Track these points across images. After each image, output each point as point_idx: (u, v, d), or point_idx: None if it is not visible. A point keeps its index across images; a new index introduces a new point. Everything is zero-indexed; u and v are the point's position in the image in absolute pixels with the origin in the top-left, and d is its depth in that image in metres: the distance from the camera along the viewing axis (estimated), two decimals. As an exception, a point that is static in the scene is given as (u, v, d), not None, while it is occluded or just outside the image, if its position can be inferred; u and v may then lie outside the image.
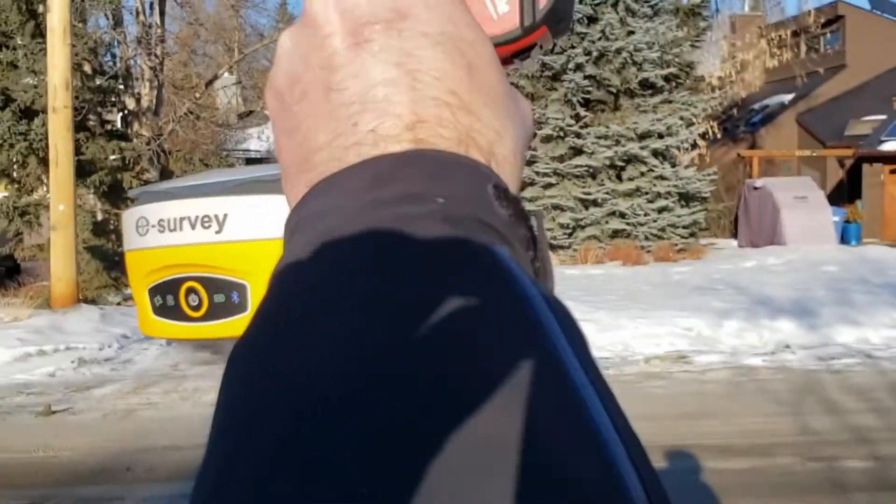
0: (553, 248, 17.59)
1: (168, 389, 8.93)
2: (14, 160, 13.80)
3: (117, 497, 5.80)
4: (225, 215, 9.19)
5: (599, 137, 17.86)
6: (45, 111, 12.63)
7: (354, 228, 0.32)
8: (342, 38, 0.38)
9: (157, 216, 9.50)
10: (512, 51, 0.45)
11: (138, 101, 15.73)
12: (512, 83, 0.42)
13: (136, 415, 8.02)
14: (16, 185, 14.28)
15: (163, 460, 6.55)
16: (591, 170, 18.01)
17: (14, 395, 8.79)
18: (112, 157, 14.26)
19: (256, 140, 29.03)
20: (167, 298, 9.77)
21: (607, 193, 18.00)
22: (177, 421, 7.78)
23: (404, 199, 0.33)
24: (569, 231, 17.98)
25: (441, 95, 0.37)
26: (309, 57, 0.39)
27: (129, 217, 9.82)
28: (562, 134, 17.80)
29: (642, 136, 17.93)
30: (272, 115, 0.42)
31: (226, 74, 25.03)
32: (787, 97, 30.43)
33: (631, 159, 18.03)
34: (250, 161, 30.97)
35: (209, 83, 18.20)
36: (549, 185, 18.07)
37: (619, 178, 18.29)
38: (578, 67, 17.80)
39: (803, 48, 31.93)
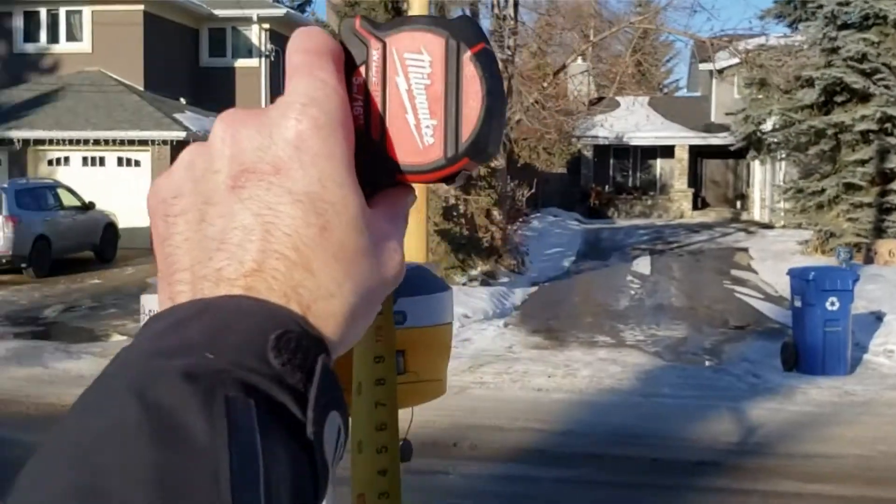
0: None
1: (500, 370, 9.27)
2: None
3: (441, 471, 6.13)
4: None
5: None
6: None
7: (110, 385, 0.38)
8: (225, 178, 0.44)
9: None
10: (437, 177, 0.48)
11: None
12: None
13: (467, 392, 8.41)
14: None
15: (487, 439, 6.83)
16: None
17: (364, 364, 9.57)
18: (463, 144, 15.02)
19: (601, 128, 29.12)
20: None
21: None
22: (504, 402, 8.07)
23: (173, 351, 0.38)
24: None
25: (284, 251, 0.42)
26: (198, 182, 0.44)
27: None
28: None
29: None
30: (151, 215, 0.46)
31: (579, 60, 25.39)
32: None
33: None
34: (598, 148, 31.18)
35: (557, 72, 18.55)
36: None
37: None
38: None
39: None
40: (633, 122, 30.07)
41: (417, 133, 0.48)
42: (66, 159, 21.20)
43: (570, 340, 11.03)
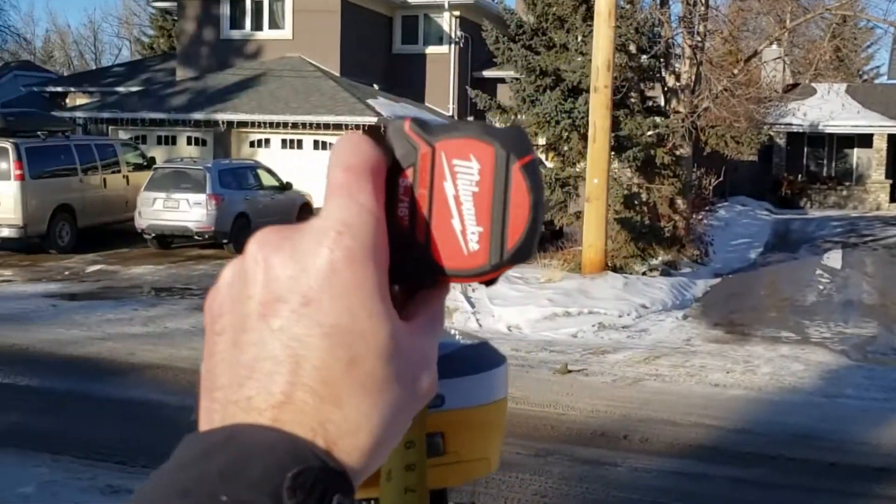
0: None
1: (676, 363, 9.19)
2: (560, 136, 15.08)
3: (610, 462, 6.20)
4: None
5: None
6: (587, 90, 13.58)
7: None
8: (257, 304, 0.44)
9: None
10: (477, 280, 0.50)
11: (678, 78, 16.10)
12: None
13: (641, 384, 8.41)
14: (560, 158, 15.62)
15: (658, 433, 6.83)
16: None
17: (539, 351, 9.72)
18: (647, 133, 14.85)
19: (794, 115, 27.83)
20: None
21: None
22: (679, 395, 8.02)
23: (189, 490, 0.40)
24: None
25: (312, 384, 0.42)
26: (234, 303, 0.45)
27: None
28: None
29: None
30: (206, 325, 0.48)
31: (773, 46, 24.37)
32: None
33: None
34: (791, 136, 29.84)
35: (748, 59, 17.93)
36: None
37: None
38: None
39: None
40: (828, 109, 28.61)
41: (463, 239, 0.49)
42: (267, 141, 22.41)
43: (752, 335, 10.76)
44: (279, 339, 0.43)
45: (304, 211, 18.61)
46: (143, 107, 22.93)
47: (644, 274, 13.77)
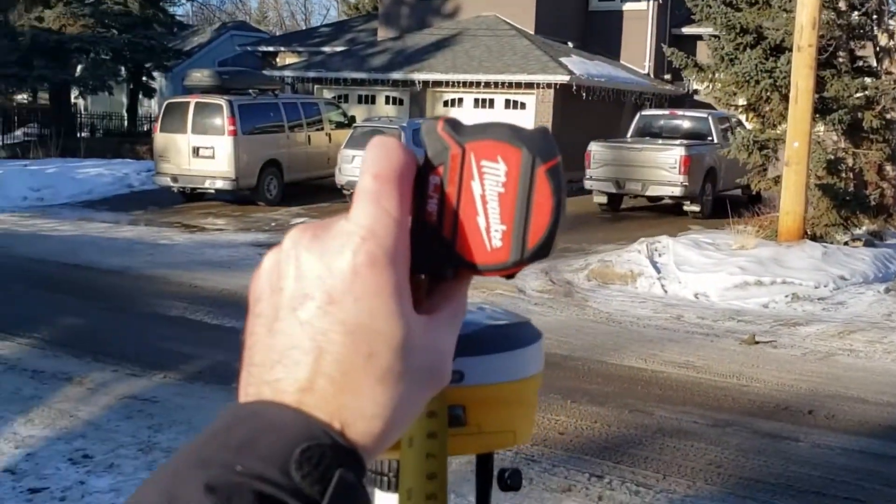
0: None
1: (873, 339, 8.78)
2: (759, 96, 14.49)
3: (792, 437, 6.07)
4: None
5: None
6: (790, 49, 12.96)
7: (157, 483, 0.45)
8: (289, 298, 0.48)
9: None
10: (498, 274, 0.54)
11: (891, 36, 15.06)
12: None
13: (833, 359, 8.11)
14: (759, 120, 15.01)
15: (847, 410, 6.60)
16: None
17: (725, 320, 9.52)
18: (855, 94, 14.02)
19: None
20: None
21: None
22: (872, 372, 7.68)
23: (210, 459, 0.45)
24: None
25: (334, 374, 0.47)
26: (271, 291, 0.50)
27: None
28: None
29: None
30: (249, 306, 0.51)
31: None
32: None
33: None
34: None
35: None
36: None
37: None
38: None
39: None
40: None
41: (487, 235, 0.52)
42: (460, 100, 22.78)
43: (962, 313, 10.09)
44: (306, 332, 0.48)
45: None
46: (346, 66, 23.84)
47: (846, 244, 13.11)
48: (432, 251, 0.52)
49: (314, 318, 0.47)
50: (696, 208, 16.83)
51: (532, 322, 0.72)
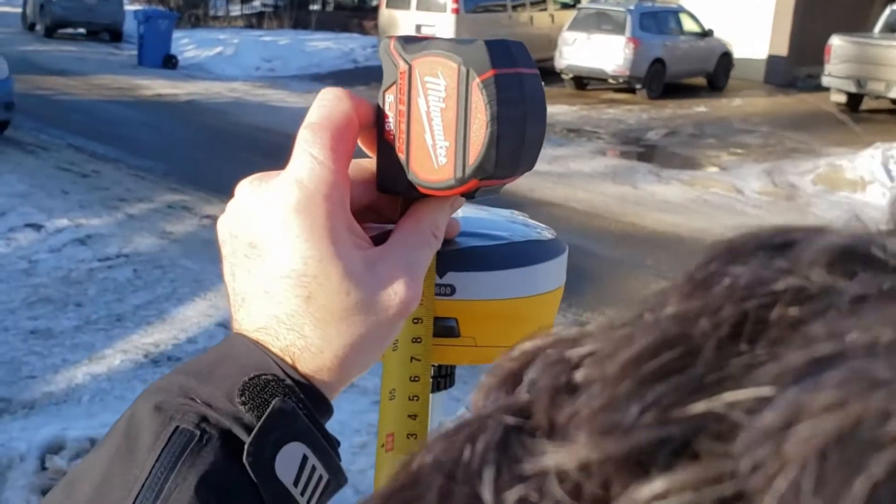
0: None
1: None
2: None
3: None
4: None
5: None
6: None
7: (138, 399, 0.50)
8: (241, 245, 0.52)
9: None
10: (452, 194, 0.54)
11: None
12: None
13: None
14: None
15: None
16: None
17: None
18: None
19: None
20: None
21: None
22: None
23: (171, 385, 0.49)
24: None
25: (279, 314, 0.50)
26: (231, 238, 0.54)
27: None
28: None
29: None
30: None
31: None
32: None
33: None
34: None
35: None
36: None
37: None
38: None
39: None
40: None
41: (433, 153, 0.52)
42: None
43: None
44: (255, 277, 0.52)
45: (722, 60, 17.86)
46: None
47: None
48: (392, 170, 0.54)
49: (259, 265, 0.51)
50: (944, 114, 15.29)
51: (555, 237, 0.67)
